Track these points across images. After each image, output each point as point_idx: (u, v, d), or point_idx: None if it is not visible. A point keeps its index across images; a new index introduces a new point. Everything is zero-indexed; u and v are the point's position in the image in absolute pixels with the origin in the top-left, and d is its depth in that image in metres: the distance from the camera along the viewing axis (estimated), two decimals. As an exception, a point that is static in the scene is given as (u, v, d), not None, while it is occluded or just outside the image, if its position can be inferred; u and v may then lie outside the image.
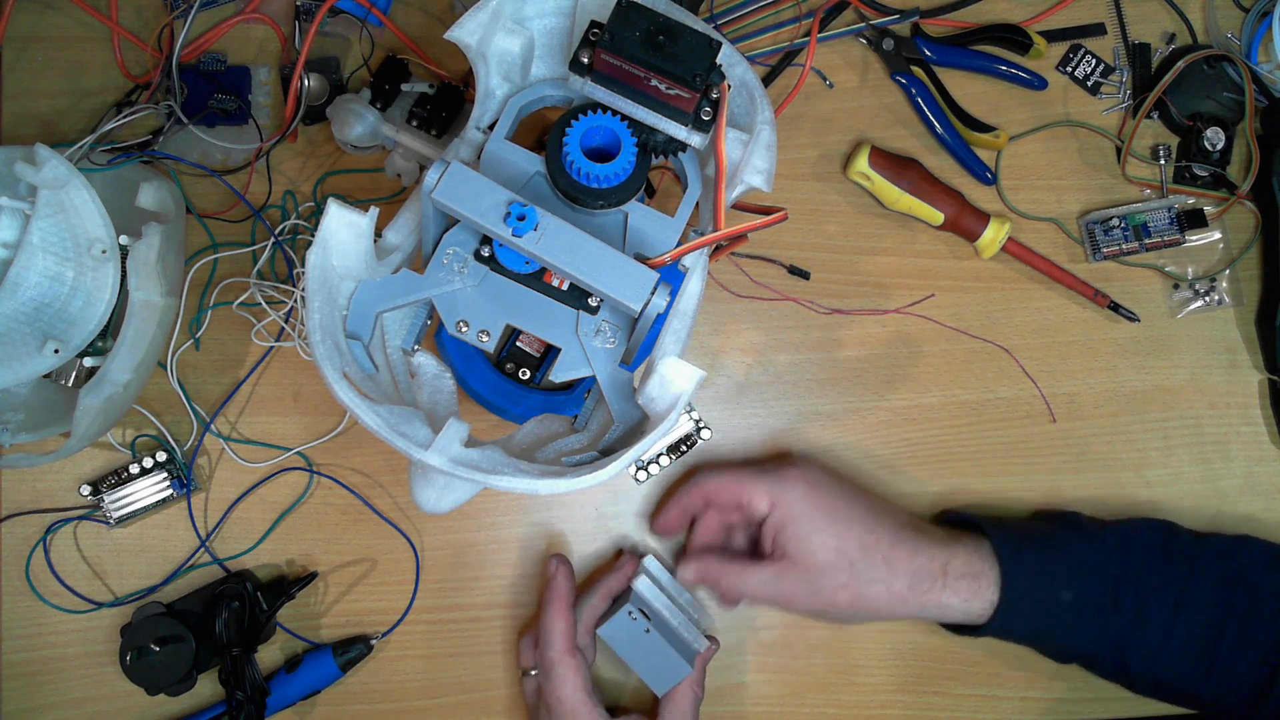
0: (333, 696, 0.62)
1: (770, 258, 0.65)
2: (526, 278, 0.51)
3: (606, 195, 0.49)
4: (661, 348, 0.50)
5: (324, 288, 0.48)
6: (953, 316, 0.66)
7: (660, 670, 0.58)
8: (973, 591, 0.55)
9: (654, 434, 0.47)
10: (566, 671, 0.56)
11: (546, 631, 0.57)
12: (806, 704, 0.64)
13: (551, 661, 0.56)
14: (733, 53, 0.54)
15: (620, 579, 0.60)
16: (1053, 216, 0.67)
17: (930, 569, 0.55)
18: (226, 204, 0.64)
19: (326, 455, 0.63)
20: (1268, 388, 0.66)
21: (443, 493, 0.47)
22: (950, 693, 0.64)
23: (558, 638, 0.56)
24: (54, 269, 0.53)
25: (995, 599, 0.55)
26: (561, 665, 0.56)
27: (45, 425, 0.56)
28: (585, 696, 0.56)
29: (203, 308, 0.63)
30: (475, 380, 0.55)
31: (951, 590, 0.55)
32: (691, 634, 0.59)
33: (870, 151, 0.64)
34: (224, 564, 0.62)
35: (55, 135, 0.64)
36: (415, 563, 0.63)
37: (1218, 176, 0.66)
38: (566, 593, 0.58)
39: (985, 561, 0.56)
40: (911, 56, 0.66)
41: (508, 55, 0.52)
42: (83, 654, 0.61)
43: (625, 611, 0.58)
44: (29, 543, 0.62)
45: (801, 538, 0.55)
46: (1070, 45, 0.68)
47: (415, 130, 0.61)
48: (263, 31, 0.66)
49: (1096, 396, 0.66)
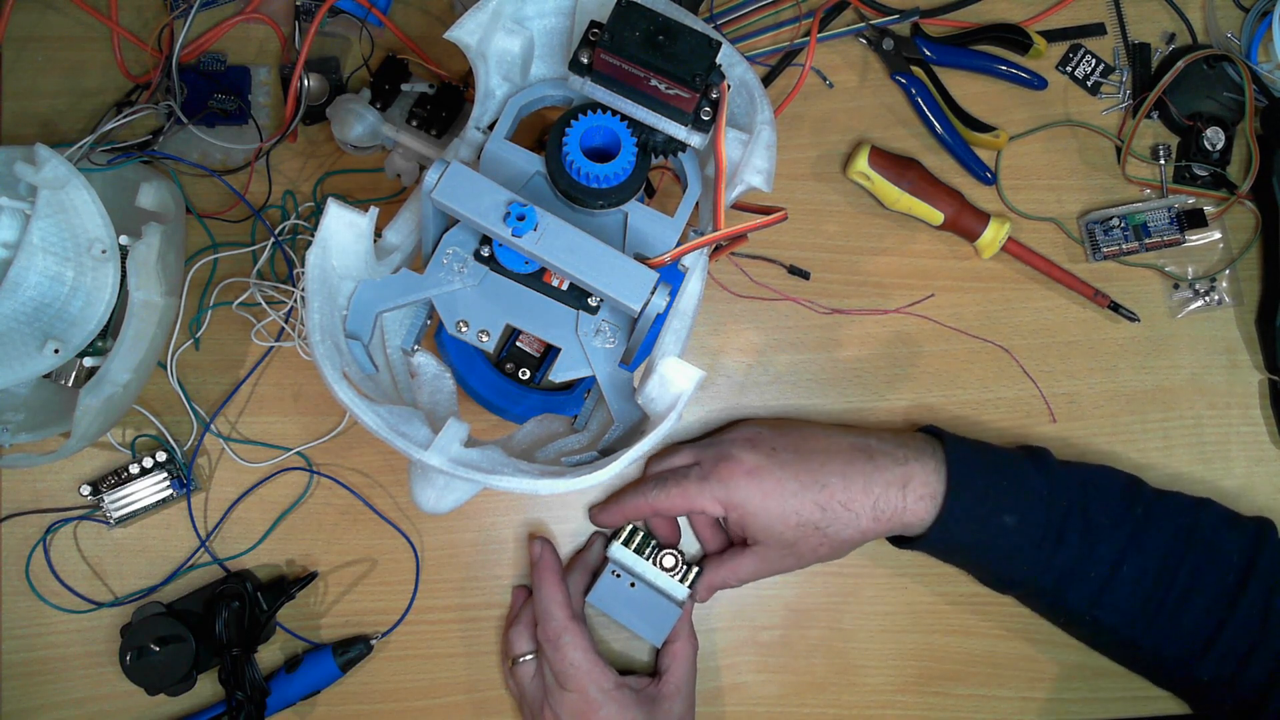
0: (333, 696, 0.62)
1: (770, 258, 0.65)
2: (526, 278, 0.51)
3: (606, 195, 0.49)
4: (661, 348, 0.50)
5: (324, 288, 0.48)
6: (953, 316, 0.66)
7: (654, 620, 0.60)
8: (930, 510, 0.56)
9: (654, 434, 0.47)
10: (574, 637, 0.56)
11: (545, 605, 0.58)
12: (806, 704, 0.64)
13: (557, 631, 0.57)
14: (732, 53, 0.54)
15: (595, 552, 0.62)
16: (1053, 216, 0.67)
17: (888, 496, 0.56)
18: (226, 204, 0.64)
19: (326, 455, 0.63)
20: (1268, 388, 0.66)
21: (443, 493, 0.47)
22: (950, 693, 0.64)
23: (558, 607, 0.57)
24: (54, 269, 0.53)
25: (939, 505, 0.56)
26: (568, 632, 0.56)
27: (45, 425, 0.56)
28: (595, 657, 0.57)
29: (203, 308, 0.63)
30: (475, 380, 0.55)
31: (912, 511, 0.56)
32: (672, 585, 0.61)
33: (870, 151, 0.64)
34: (224, 564, 0.62)
35: (55, 135, 0.64)
36: (415, 563, 0.63)
37: (1218, 176, 0.66)
38: (556, 566, 0.60)
39: (941, 482, 0.56)
40: (911, 56, 0.66)
41: (508, 55, 0.52)
42: (83, 654, 0.61)
43: (609, 572, 0.60)
44: (29, 543, 0.62)
45: (762, 526, 0.56)
46: (1070, 45, 0.68)
47: (415, 130, 0.61)
48: (263, 31, 0.66)
49: (1096, 396, 0.66)
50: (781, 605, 0.64)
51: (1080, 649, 0.63)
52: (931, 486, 0.56)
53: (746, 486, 0.56)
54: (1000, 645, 0.64)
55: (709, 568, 0.60)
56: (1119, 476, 0.59)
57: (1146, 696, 0.64)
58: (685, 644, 0.60)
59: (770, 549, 0.58)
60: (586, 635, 0.57)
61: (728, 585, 0.60)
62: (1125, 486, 0.58)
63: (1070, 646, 0.64)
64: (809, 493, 0.56)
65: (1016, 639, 0.64)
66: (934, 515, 0.56)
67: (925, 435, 0.60)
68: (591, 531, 0.64)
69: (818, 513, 0.56)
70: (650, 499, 0.58)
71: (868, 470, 0.56)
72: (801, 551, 0.57)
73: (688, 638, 0.60)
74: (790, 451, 0.58)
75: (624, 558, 0.61)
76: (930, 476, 0.56)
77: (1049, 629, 0.63)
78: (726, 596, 0.64)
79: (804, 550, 0.57)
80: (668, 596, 0.60)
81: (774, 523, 0.56)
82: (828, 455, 0.57)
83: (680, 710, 0.58)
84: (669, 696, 0.58)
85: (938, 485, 0.56)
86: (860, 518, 0.56)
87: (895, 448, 0.58)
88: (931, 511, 0.56)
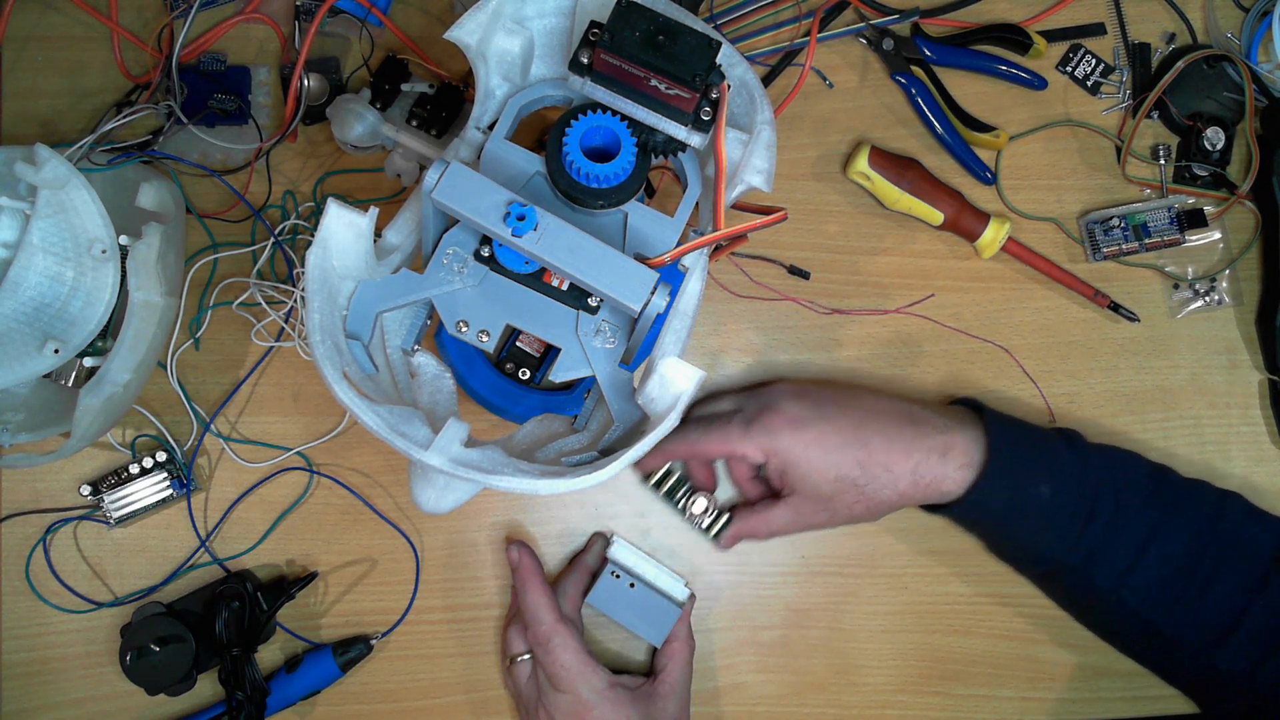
0: (333, 696, 0.62)
1: (770, 258, 0.65)
2: (526, 278, 0.51)
3: (606, 195, 0.49)
4: (661, 348, 0.50)
5: (324, 288, 0.48)
6: (953, 316, 0.66)
7: (653, 620, 0.60)
8: (968, 479, 0.56)
9: (654, 434, 0.47)
10: (563, 638, 0.57)
11: (531, 609, 0.58)
12: (806, 704, 0.64)
13: (545, 634, 0.57)
14: (732, 53, 0.54)
15: (595, 554, 0.62)
16: (1053, 216, 0.67)
17: (929, 462, 0.56)
18: (226, 204, 0.64)
19: (326, 455, 0.63)
20: (1268, 388, 0.66)
21: (443, 493, 0.47)
22: (950, 693, 0.64)
23: (544, 611, 0.57)
24: (54, 269, 0.53)
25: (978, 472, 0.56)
26: (556, 634, 0.57)
27: (45, 425, 0.56)
28: (586, 658, 0.57)
29: (203, 308, 0.63)
30: (475, 380, 0.55)
31: (951, 479, 0.56)
32: (671, 585, 0.61)
33: (870, 151, 0.64)
34: (224, 564, 0.62)
35: (55, 135, 0.64)
36: (415, 563, 0.63)
37: (1218, 176, 0.66)
38: (536, 569, 0.60)
39: (981, 452, 0.56)
40: (911, 56, 0.66)
41: (508, 55, 0.52)
42: (83, 654, 0.61)
43: (608, 573, 0.60)
44: (29, 543, 0.62)
45: (802, 476, 0.56)
46: (1070, 45, 0.68)
47: (415, 130, 0.61)
48: (263, 31, 0.66)
49: (1096, 396, 0.66)
50: (781, 605, 0.64)
51: (1080, 649, 0.64)
52: (971, 456, 0.56)
53: (789, 435, 0.56)
54: (1000, 645, 0.64)
55: (740, 516, 0.60)
56: (1146, 462, 0.59)
57: (1146, 697, 0.64)
58: (682, 644, 0.60)
59: (805, 501, 0.57)
60: (576, 636, 0.57)
61: (756, 536, 0.60)
62: (1153, 471, 0.58)
63: (1070, 647, 0.64)
64: (851, 449, 0.56)
65: (1016, 639, 0.64)
66: (970, 483, 0.56)
67: (964, 407, 0.60)
68: (591, 532, 0.64)
69: (857, 470, 0.56)
70: (691, 440, 0.58)
71: (910, 435, 0.56)
72: (836, 507, 0.57)
73: (685, 638, 0.60)
74: (834, 407, 0.57)
75: (623, 558, 0.61)
76: (971, 446, 0.56)
77: (1049, 629, 0.64)
78: (726, 596, 0.64)
79: (839, 506, 0.57)
80: (667, 597, 0.61)
81: (813, 473, 0.56)
82: (871, 415, 0.57)
83: (675, 710, 0.58)
84: (664, 696, 0.58)
85: (977, 455, 0.56)
86: (899, 480, 0.56)
87: (937, 416, 0.58)
88: (970, 480, 0.56)
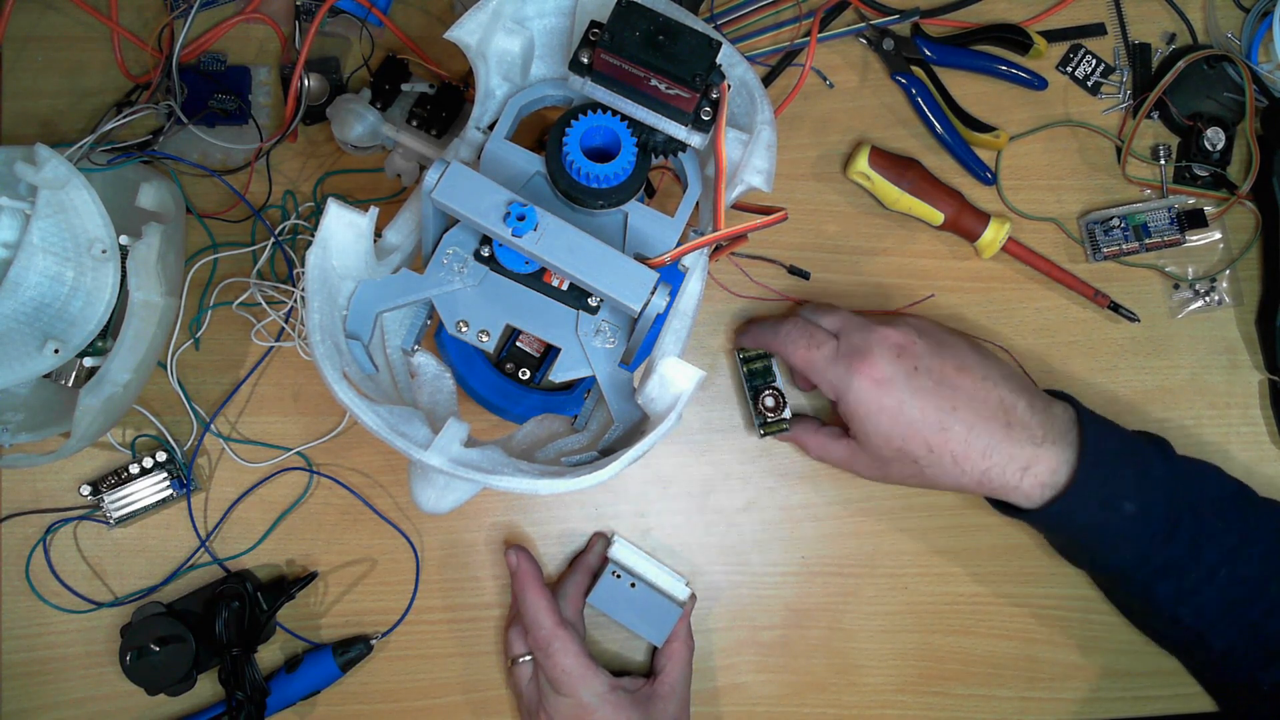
0: (333, 696, 0.62)
1: (770, 258, 0.65)
2: (526, 278, 0.51)
3: (606, 195, 0.49)
4: (661, 348, 0.50)
5: (324, 288, 0.48)
6: (953, 316, 0.66)
7: (654, 620, 0.60)
8: (1039, 496, 0.54)
9: (654, 434, 0.47)
10: (564, 642, 0.57)
11: (531, 613, 0.58)
12: (806, 704, 0.64)
13: (545, 638, 0.57)
14: (733, 53, 0.54)
15: (596, 555, 0.63)
16: (1053, 216, 0.67)
17: (1005, 472, 0.54)
18: (226, 204, 0.64)
19: (326, 455, 0.63)
20: (1268, 388, 0.66)
21: (443, 493, 0.47)
22: (950, 693, 0.64)
23: (544, 614, 0.57)
24: (54, 269, 0.53)
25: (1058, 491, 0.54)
26: (557, 638, 0.57)
27: (45, 425, 0.56)
28: (587, 661, 0.57)
29: (203, 308, 0.63)
30: (475, 380, 0.55)
31: (1021, 492, 0.54)
32: (672, 585, 0.61)
33: (870, 151, 0.64)
34: (224, 564, 0.62)
35: (55, 135, 0.64)
36: (415, 563, 0.63)
37: (1218, 176, 0.66)
38: (535, 573, 0.60)
39: (1068, 466, 0.54)
40: (911, 56, 0.66)
41: (508, 55, 0.52)
42: (83, 654, 0.61)
43: (609, 573, 0.60)
44: (29, 543, 0.62)
45: (865, 432, 0.56)
46: (1070, 45, 0.68)
47: (415, 130, 0.61)
48: (263, 31, 0.66)
49: (1097, 397, 0.66)
50: (781, 605, 0.64)
51: (1080, 650, 0.64)
52: (1054, 477, 0.54)
53: (867, 391, 0.55)
54: (1000, 645, 0.64)
55: (802, 428, 0.61)
56: (1231, 480, 0.58)
57: (1147, 697, 0.64)
58: (682, 644, 0.60)
59: (863, 453, 0.57)
60: (576, 640, 0.57)
61: (808, 452, 0.61)
62: (1237, 491, 0.57)
63: (1070, 647, 0.64)
64: (924, 430, 0.54)
65: (1016, 639, 0.64)
66: (1044, 500, 0.54)
67: (1066, 412, 0.57)
68: (591, 532, 0.64)
69: (923, 450, 0.55)
70: (782, 339, 0.58)
71: (999, 438, 0.54)
72: (890, 473, 0.57)
73: (685, 638, 0.60)
74: (931, 378, 0.55)
75: (624, 558, 0.61)
76: (1058, 467, 0.54)
77: (1049, 629, 0.64)
78: (726, 596, 0.64)
79: (893, 472, 0.57)
80: (668, 596, 0.61)
81: (876, 436, 0.56)
82: (969, 402, 0.55)
83: (674, 710, 0.58)
84: (664, 697, 0.58)
85: (1061, 477, 0.54)
86: (965, 476, 0.55)
87: (1037, 425, 0.55)
88: (1042, 497, 0.54)
